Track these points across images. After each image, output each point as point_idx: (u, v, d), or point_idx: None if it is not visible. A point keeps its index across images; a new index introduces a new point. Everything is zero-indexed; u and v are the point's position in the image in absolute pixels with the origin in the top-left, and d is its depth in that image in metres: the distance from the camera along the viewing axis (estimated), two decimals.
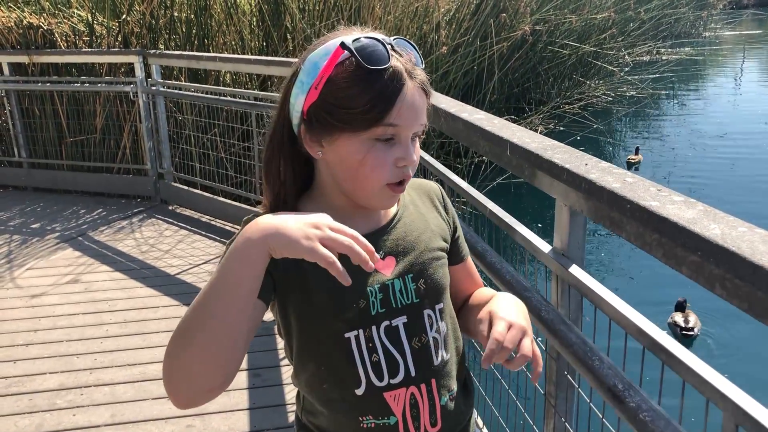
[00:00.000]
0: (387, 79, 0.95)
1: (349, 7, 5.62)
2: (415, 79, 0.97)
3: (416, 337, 1.04)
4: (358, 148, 0.97)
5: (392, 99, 0.95)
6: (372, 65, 0.94)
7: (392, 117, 0.95)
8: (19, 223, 4.93)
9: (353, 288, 0.95)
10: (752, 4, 29.46)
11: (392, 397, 1.03)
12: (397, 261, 1.05)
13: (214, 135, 5.09)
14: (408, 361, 1.03)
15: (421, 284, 1.05)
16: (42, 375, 2.89)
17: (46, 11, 5.91)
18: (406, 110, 0.96)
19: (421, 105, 0.98)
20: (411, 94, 0.96)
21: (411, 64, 0.98)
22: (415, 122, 0.98)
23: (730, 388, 0.94)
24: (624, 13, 11.84)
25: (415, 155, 1.00)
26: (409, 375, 1.03)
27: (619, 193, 1.13)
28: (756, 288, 0.83)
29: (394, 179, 0.98)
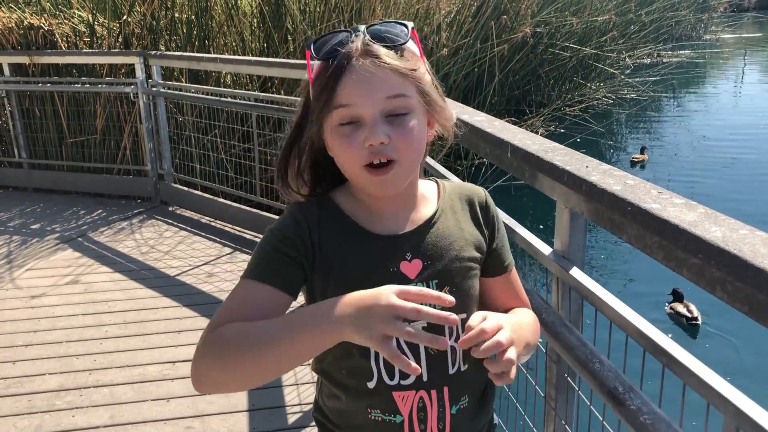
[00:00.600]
0: (333, 65, 0.95)
1: (350, 8, 5.62)
2: (371, 54, 0.95)
3: None
4: (331, 138, 0.99)
5: (335, 80, 0.95)
6: (321, 57, 0.97)
7: (341, 97, 0.95)
8: (19, 223, 4.93)
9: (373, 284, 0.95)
10: (753, 7, 29.48)
11: (401, 398, 1.03)
12: (424, 265, 1.04)
13: (215, 136, 5.09)
14: (422, 366, 1.03)
15: (446, 291, 1.02)
16: (41, 376, 2.89)
17: (47, 12, 5.91)
18: (355, 88, 0.94)
19: (380, 78, 0.94)
20: (361, 70, 0.94)
21: (366, 42, 0.96)
22: (372, 99, 0.94)
23: (731, 391, 0.94)
24: (625, 16, 11.85)
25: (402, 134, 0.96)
26: (421, 379, 1.03)
27: (620, 195, 1.13)
28: (757, 291, 0.83)
29: (368, 160, 0.96)
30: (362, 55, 0.95)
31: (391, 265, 1.02)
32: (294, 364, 0.92)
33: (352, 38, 0.96)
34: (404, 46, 0.98)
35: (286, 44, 5.80)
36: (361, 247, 1.03)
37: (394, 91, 0.95)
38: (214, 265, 4.04)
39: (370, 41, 0.96)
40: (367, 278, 0.99)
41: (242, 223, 4.64)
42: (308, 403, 2.66)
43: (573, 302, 1.41)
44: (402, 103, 0.96)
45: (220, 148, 5.11)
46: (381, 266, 1.02)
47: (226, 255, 4.19)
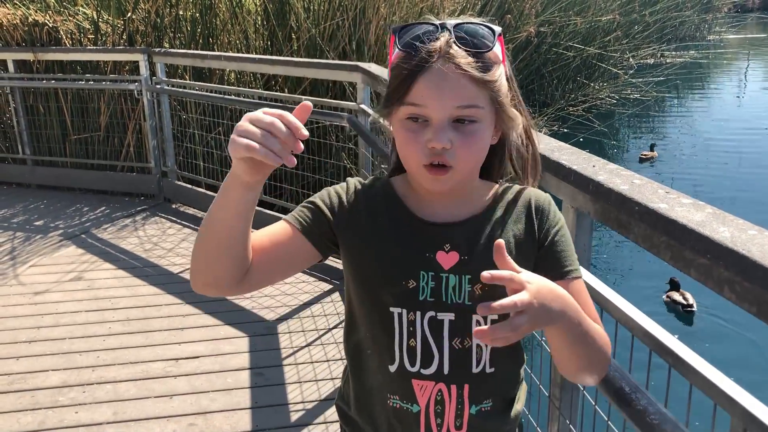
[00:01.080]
0: (414, 60, 0.95)
1: (354, 7, 5.62)
2: (452, 60, 0.94)
3: (459, 338, 1.03)
4: (398, 129, 1.00)
5: (411, 78, 0.95)
6: (403, 48, 0.97)
7: (413, 96, 0.95)
8: (22, 220, 4.93)
9: (403, 265, 1.02)
10: (757, 8, 29.43)
11: (419, 387, 1.04)
12: (461, 258, 1.03)
13: (218, 134, 5.09)
14: (444, 358, 1.03)
15: (477, 288, 1.02)
16: (45, 372, 2.89)
17: (52, 9, 5.91)
18: (429, 90, 0.94)
19: (454, 86, 0.94)
20: (437, 74, 0.93)
21: (450, 45, 0.95)
22: (443, 103, 0.94)
23: (738, 391, 0.93)
24: (629, 16, 11.84)
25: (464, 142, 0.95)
26: (442, 371, 1.03)
27: (627, 195, 1.13)
28: (766, 292, 0.82)
29: (426, 160, 0.96)
30: (443, 57, 0.94)
31: (427, 251, 1.03)
32: (231, 223, 0.97)
33: (437, 34, 0.95)
34: (487, 54, 0.96)
35: (290, 42, 5.80)
36: (403, 228, 1.05)
37: (467, 100, 0.95)
38: None
39: (453, 43, 0.95)
40: (401, 256, 1.03)
41: None
42: (311, 401, 2.67)
43: None
44: (472, 112, 0.95)
45: (224, 146, 5.11)
46: (417, 249, 1.03)
47: None
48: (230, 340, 3.15)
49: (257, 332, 3.21)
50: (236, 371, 2.88)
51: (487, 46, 0.96)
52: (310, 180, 4.71)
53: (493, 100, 0.97)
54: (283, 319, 3.34)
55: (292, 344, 3.10)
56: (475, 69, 0.94)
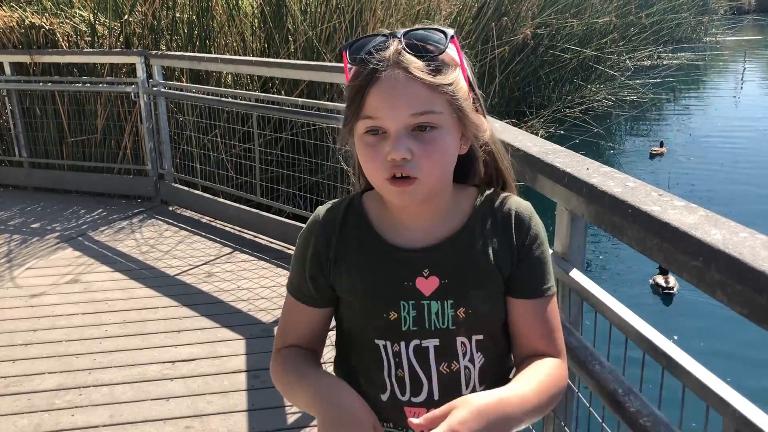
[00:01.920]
0: (365, 72, 0.93)
1: (351, 9, 5.62)
2: (401, 65, 0.91)
3: (446, 363, 1.02)
4: (359, 146, 0.97)
5: (364, 90, 0.92)
6: (353, 63, 0.95)
7: (367, 109, 0.93)
8: (19, 222, 4.93)
9: (385, 298, 1.00)
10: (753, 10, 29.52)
11: (412, 413, 1.03)
12: (441, 283, 1.01)
13: (215, 136, 5.09)
14: (433, 385, 1.02)
15: (461, 312, 1.00)
16: (41, 375, 2.89)
17: (48, 11, 5.91)
18: (381, 101, 0.91)
19: (408, 93, 0.91)
20: (388, 83, 0.91)
21: (399, 50, 0.92)
22: (396, 112, 0.91)
23: (730, 393, 0.94)
24: (625, 18, 11.86)
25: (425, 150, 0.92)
26: (432, 398, 1.02)
27: (620, 197, 1.13)
28: (757, 294, 0.83)
29: (386, 174, 0.93)
30: (393, 65, 0.91)
31: (407, 280, 1.01)
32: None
33: (387, 44, 0.93)
34: (439, 56, 0.93)
35: (287, 45, 5.80)
36: (379, 259, 1.02)
37: (421, 107, 0.91)
38: (214, 264, 4.04)
39: (403, 50, 0.92)
40: (380, 288, 1.01)
41: (242, 223, 4.64)
42: None
43: (573, 304, 1.42)
44: (428, 119, 0.92)
45: (221, 148, 5.11)
46: (396, 279, 1.01)
47: (225, 255, 4.20)
48: (227, 342, 3.15)
49: (254, 334, 3.22)
50: (233, 374, 2.88)
51: (439, 49, 0.93)
52: (307, 182, 4.72)
53: (451, 105, 0.94)
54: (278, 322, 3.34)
55: None
56: (426, 73, 0.91)
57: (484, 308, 1.01)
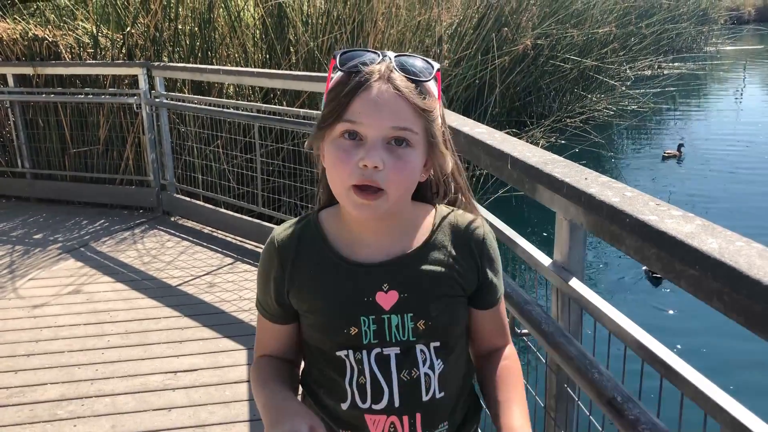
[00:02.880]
0: (354, 79, 0.96)
1: (352, 20, 5.66)
2: (391, 82, 0.96)
3: (406, 370, 1.04)
4: (329, 148, 0.99)
5: (351, 94, 0.95)
6: (344, 69, 0.98)
7: (351, 113, 0.95)
8: (21, 233, 4.94)
9: (345, 315, 1.03)
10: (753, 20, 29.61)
11: (372, 421, 1.05)
12: (401, 297, 1.03)
13: (217, 147, 5.11)
14: (393, 391, 1.04)
15: (421, 324, 1.04)
16: (43, 385, 2.90)
17: (51, 23, 5.96)
18: (368, 108, 0.95)
19: (392, 107, 0.95)
20: (377, 94, 0.95)
21: (391, 68, 0.97)
22: (380, 122, 0.95)
23: (728, 401, 0.95)
24: (625, 28, 11.90)
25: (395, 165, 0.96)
26: (393, 405, 1.04)
27: (618, 207, 1.14)
28: (753, 302, 0.84)
29: (356, 180, 0.95)
30: (382, 79, 0.96)
31: (366, 295, 1.03)
32: None
33: (378, 60, 0.98)
34: (425, 84, 0.99)
35: (288, 56, 5.84)
36: (337, 275, 1.05)
37: (402, 122, 0.96)
38: (216, 275, 4.05)
39: (394, 68, 0.97)
40: (340, 305, 1.04)
41: (244, 233, 4.65)
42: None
43: (573, 313, 1.42)
44: (406, 135, 0.96)
45: (223, 159, 5.13)
46: (356, 295, 1.03)
47: (227, 265, 4.21)
48: (229, 352, 3.15)
49: None
50: (235, 384, 2.89)
51: (426, 76, 0.99)
52: (309, 192, 4.73)
53: (427, 131, 0.99)
54: None
55: None
56: (412, 94, 0.96)
57: (443, 319, 1.05)
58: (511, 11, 8.16)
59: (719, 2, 22.38)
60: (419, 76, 0.98)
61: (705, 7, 19.82)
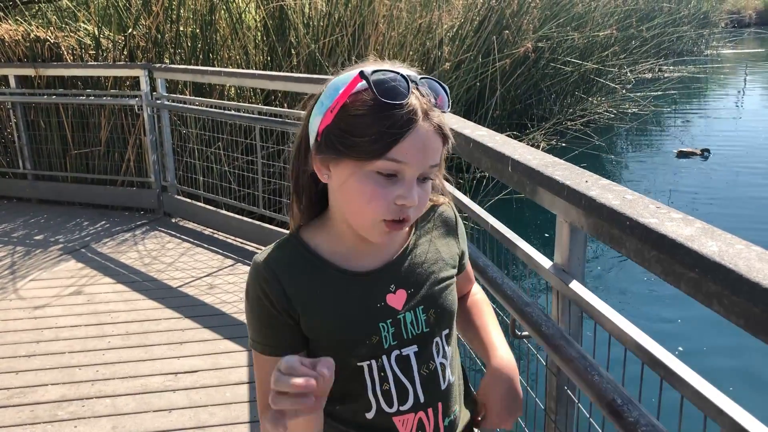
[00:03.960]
0: (399, 115, 0.92)
1: (353, 23, 5.67)
2: (431, 120, 0.95)
3: (424, 365, 1.06)
4: (360, 178, 0.95)
5: (400, 134, 0.92)
6: (385, 98, 0.93)
7: (397, 153, 0.93)
8: (22, 234, 4.95)
9: (364, 326, 1.02)
10: (754, 23, 29.63)
11: (401, 422, 1.05)
12: (408, 293, 1.05)
13: (218, 148, 5.12)
14: (417, 389, 1.05)
15: (432, 314, 1.06)
16: (44, 386, 2.90)
17: (53, 25, 5.97)
18: (414, 149, 0.93)
19: (433, 146, 0.96)
20: (422, 134, 0.94)
21: (430, 104, 0.96)
22: (422, 162, 0.95)
23: (728, 403, 0.95)
24: (626, 31, 11.92)
25: (422, 198, 0.98)
26: (419, 401, 1.05)
27: (618, 209, 1.14)
28: (752, 305, 0.84)
29: (390, 216, 0.95)
30: (425, 118, 0.94)
31: (378, 301, 1.03)
32: None
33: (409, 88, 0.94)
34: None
35: (289, 58, 5.85)
36: (345, 290, 1.03)
37: (438, 159, 0.98)
38: (217, 276, 4.06)
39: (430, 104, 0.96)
40: (357, 320, 1.02)
41: (245, 235, 4.66)
42: None
43: (573, 315, 1.43)
44: (434, 171, 0.99)
45: (224, 161, 5.14)
46: (369, 304, 1.03)
47: (228, 267, 4.21)
48: (229, 354, 3.16)
49: None
50: (235, 385, 2.89)
51: (448, 104, 0.99)
52: None
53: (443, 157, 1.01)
54: None
55: None
56: (446, 128, 0.98)
57: (447, 304, 1.10)
58: (512, 14, 8.17)
59: (720, 5, 22.43)
60: (446, 108, 0.99)
61: (706, 11, 19.88)
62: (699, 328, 4.54)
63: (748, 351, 4.15)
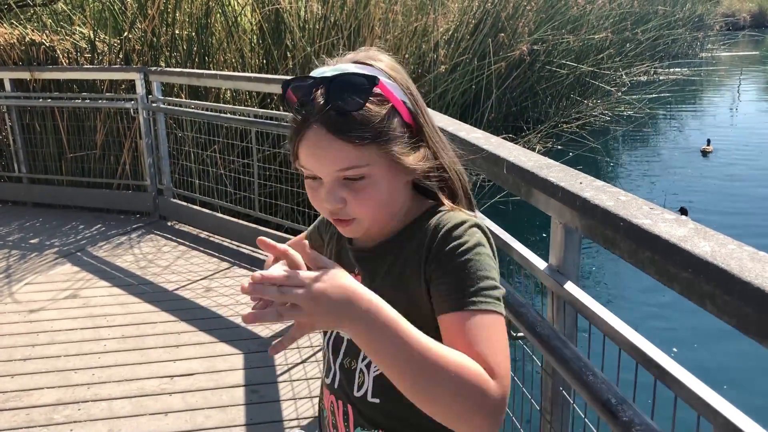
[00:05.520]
0: (296, 123, 0.94)
1: (349, 26, 5.68)
2: (324, 123, 0.90)
3: (348, 358, 1.06)
4: (305, 182, 0.98)
5: (295, 143, 0.94)
6: (285, 108, 0.97)
7: (300, 159, 0.95)
8: (18, 237, 4.94)
9: None
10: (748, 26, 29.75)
11: (325, 393, 1.12)
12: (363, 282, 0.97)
13: (214, 151, 5.12)
14: (336, 373, 1.08)
15: None
16: (39, 390, 2.90)
17: (49, 28, 5.97)
18: (309, 157, 0.93)
19: (330, 151, 0.90)
20: (315, 141, 0.91)
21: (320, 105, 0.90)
22: (323, 168, 0.92)
23: (721, 402, 0.96)
24: (621, 34, 11.96)
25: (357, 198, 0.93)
26: (334, 385, 1.08)
27: (612, 211, 1.15)
28: (744, 304, 0.85)
29: (326, 215, 0.97)
30: (318, 122, 0.90)
31: None
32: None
33: (313, 94, 0.91)
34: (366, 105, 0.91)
35: (285, 61, 5.85)
36: (339, 252, 1.12)
37: (346, 163, 0.91)
38: (213, 279, 4.06)
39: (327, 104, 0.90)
40: None
41: (240, 237, 4.66)
42: (305, 418, 2.67)
43: (568, 316, 1.43)
44: (355, 173, 0.91)
45: (220, 164, 5.14)
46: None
47: (224, 270, 4.21)
48: (225, 357, 3.15)
49: (252, 349, 3.22)
50: (231, 388, 2.89)
51: (357, 106, 0.90)
52: (305, 197, 4.73)
53: (380, 153, 0.92)
54: (278, 335, 3.35)
55: (287, 361, 3.11)
56: (346, 133, 0.89)
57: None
58: (507, 17, 8.19)
59: (714, 8, 22.52)
60: (348, 107, 0.90)
61: (700, 14, 19.94)
62: (693, 328, 4.55)
63: (742, 350, 4.17)
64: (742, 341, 0.94)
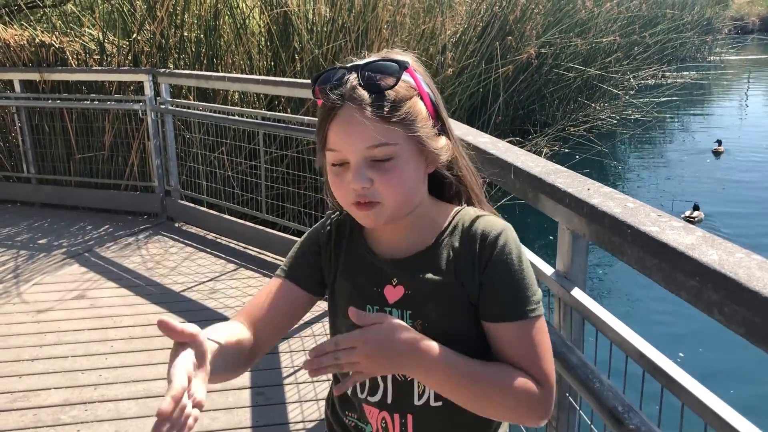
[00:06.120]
0: (325, 107, 0.98)
1: (357, 29, 5.68)
2: (357, 102, 0.95)
3: None
4: (327, 172, 1.03)
5: (325, 125, 0.98)
6: (316, 96, 1.00)
7: (330, 142, 0.98)
8: (26, 238, 4.96)
9: (353, 299, 1.07)
10: (757, 29, 29.62)
11: (368, 411, 1.08)
12: (406, 293, 1.04)
13: (222, 153, 5.13)
14: (387, 388, 1.05)
15: (418, 325, 1.01)
16: (47, 390, 2.91)
17: (58, 30, 5.99)
18: (339, 135, 0.97)
19: (361, 128, 0.94)
20: (346, 119, 0.96)
21: (353, 88, 0.96)
22: (353, 146, 0.96)
23: (729, 412, 0.95)
24: (629, 37, 11.93)
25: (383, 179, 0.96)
26: (386, 401, 1.06)
27: (620, 218, 1.15)
28: (752, 313, 0.85)
29: (351, 200, 0.99)
30: (349, 101, 0.95)
31: (377, 286, 1.06)
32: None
33: (345, 78, 0.97)
34: (392, 91, 0.96)
35: (293, 63, 5.86)
36: (360, 264, 1.09)
37: (375, 140, 0.95)
38: (219, 281, 4.07)
39: (358, 86, 0.96)
40: (352, 290, 1.09)
41: (247, 239, 4.67)
42: (311, 420, 2.67)
43: (575, 322, 1.43)
44: (384, 151, 0.96)
45: (227, 166, 5.15)
46: (369, 285, 1.07)
47: (231, 271, 4.22)
48: None
49: None
50: (237, 390, 2.89)
51: (389, 85, 0.96)
52: (312, 199, 4.75)
53: (408, 134, 0.97)
54: (284, 338, 3.36)
55: (293, 363, 3.11)
56: (378, 109, 0.95)
57: (442, 325, 1.01)
58: (515, 20, 8.19)
59: (723, 12, 22.44)
60: (385, 86, 0.96)
61: (709, 17, 19.88)
62: (700, 336, 4.53)
63: (749, 356, 4.15)
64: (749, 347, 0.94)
